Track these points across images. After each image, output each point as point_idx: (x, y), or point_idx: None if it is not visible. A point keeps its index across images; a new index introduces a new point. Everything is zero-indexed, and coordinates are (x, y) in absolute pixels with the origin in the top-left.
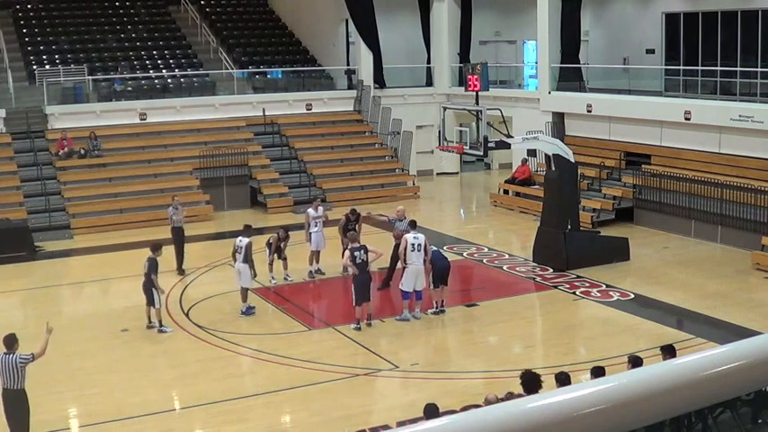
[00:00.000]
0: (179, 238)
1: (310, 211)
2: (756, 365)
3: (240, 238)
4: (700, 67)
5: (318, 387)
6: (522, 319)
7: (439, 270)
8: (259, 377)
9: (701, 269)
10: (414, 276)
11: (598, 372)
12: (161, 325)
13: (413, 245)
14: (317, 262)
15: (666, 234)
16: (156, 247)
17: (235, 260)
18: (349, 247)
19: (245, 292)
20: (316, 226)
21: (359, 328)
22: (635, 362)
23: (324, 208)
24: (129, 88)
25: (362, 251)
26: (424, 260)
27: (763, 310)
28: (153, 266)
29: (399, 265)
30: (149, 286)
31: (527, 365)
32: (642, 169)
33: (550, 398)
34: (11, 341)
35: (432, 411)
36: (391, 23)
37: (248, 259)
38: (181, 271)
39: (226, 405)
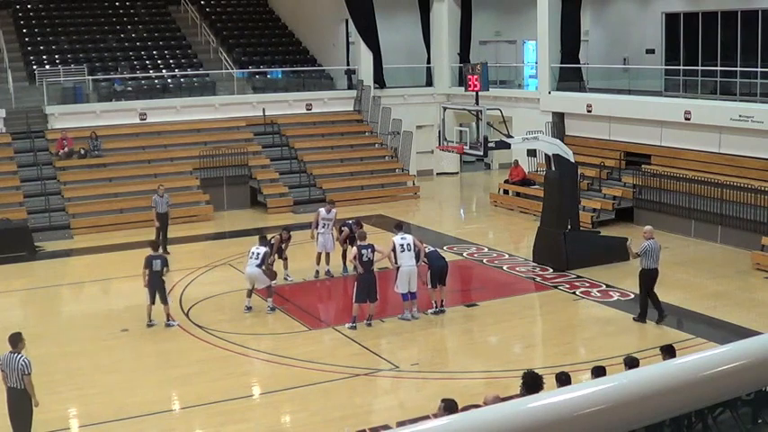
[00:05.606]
0: (164, 224)
1: (321, 211)
2: (756, 365)
3: (257, 246)
4: (700, 67)
5: (318, 387)
6: (522, 319)
7: (437, 270)
8: (259, 377)
9: (701, 269)
10: (406, 277)
11: (598, 372)
12: (169, 320)
13: (401, 245)
14: (327, 264)
15: (666, 234)
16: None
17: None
18: (357, 244)
19: (268, 289)
20: (324, 227)
21: (354, 327)
22: (631, 363)
23: (336, 211)
24: (129, 88)
25: (369, 250)
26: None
27: (763, 310)
28: (165, 263)
29: (391, 267)
30: (161, 284)
31: (527, 365)
32: (642, 169)
33: (550, 398)
34: (16, 340)
35: (451, 407)
36: (391, 23)
37: (263, 264)
38: (165, 252)
39: (226, 405)
